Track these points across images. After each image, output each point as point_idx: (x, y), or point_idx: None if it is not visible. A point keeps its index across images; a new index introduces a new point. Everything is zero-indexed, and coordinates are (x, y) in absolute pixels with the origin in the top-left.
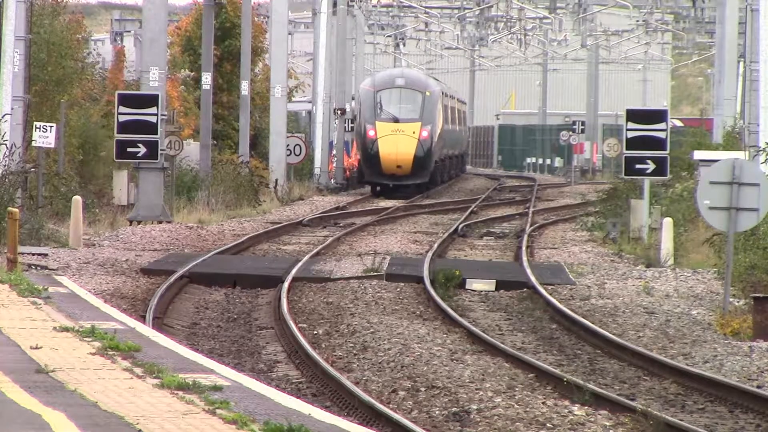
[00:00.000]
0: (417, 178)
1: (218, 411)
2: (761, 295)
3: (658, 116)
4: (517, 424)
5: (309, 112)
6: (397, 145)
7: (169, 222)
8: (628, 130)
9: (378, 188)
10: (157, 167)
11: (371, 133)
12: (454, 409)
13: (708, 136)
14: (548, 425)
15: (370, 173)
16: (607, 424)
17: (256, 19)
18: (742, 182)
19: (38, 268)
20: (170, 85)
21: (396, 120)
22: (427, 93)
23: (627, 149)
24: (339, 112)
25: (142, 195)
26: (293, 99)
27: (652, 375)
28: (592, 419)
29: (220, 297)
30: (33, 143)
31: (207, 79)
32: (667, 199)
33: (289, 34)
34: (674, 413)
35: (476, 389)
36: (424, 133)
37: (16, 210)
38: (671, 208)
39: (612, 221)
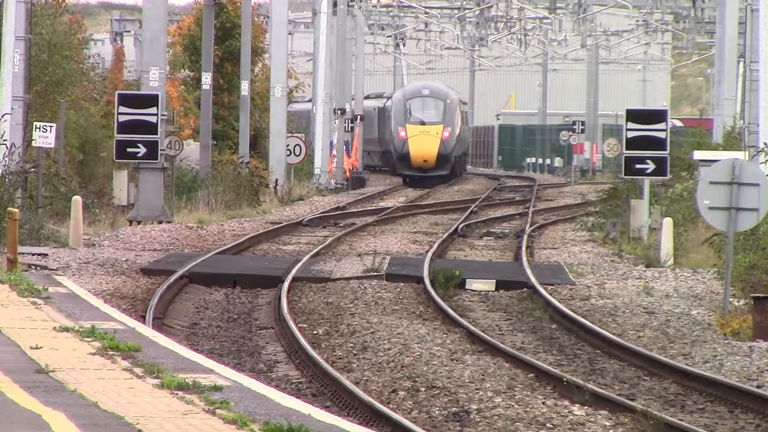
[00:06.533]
0: (440, 171)
1: (218, 411)
2: (761, 295)
3: (658, 116)
4: (517, 424)
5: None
6: (424, 143)
7: (169, 222)
8: (628, 130)
9: (407, 179)
10: (157, 167)
11: (402, 134)
12: (454, 409)
13: (708, 136)
14: (548, 425)
15: (401, 167)
16: (607, 424)
17: (256, 19)
18: (742, 182)
19: (38, 268)
20: (170, 85)
21: (422, 123)
22: (448, 101)
23: (627, 149)
24: (339, 112)
25: (142, 195)
26: (293, 99)
27: (652, 375)
28: (592, 419)
29: (220, 297)
30: (33, 143)
31: (207, 79)
32: (667, 199)
33: (289, 34)
34: (674, 413)
35: (476, 389)
36: (446, 134)
37: (16, 210)
38: (671, 208)
39: (612, 221)
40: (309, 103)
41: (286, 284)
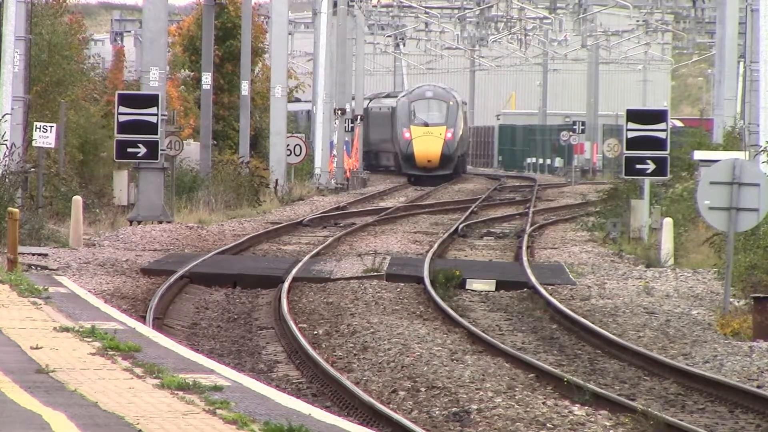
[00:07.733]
0: (443, 170)
1: (218, 411)
2: (761, 295)
3: (658, 116)
4: (517, 424)
5: (308, 112)
6: (428, 144)
7: (169, 222)
8: (628, 130)
9: (412, 179)
10: (157, 167)
11: (407, 135)
12: (454, 409)
13: (708, 137)
14: (548, 425)
15: (406, 166)
16: (607, 424)
17: (256, 19)
18: (742, 182)
19: (38, 268)
20: (170, 85)
21: (426, 124)
22: (451, 103)
23: (627, 149)
24: (339, 112)
25: (142, 195)
26: (293, 98)
27: (652, 375)
28: (592, 419)
29: (221, 297)
30: (33, 143)
31: (207, 79)
32: (667, 200)
33: (289, 34)
34: (674, 413)
35: (476, 389)
36: (449, 135)
37: (16, 210)
38: (671, 208)
39: (612, 221)
40: (305, 103)
41: (286, 284)
